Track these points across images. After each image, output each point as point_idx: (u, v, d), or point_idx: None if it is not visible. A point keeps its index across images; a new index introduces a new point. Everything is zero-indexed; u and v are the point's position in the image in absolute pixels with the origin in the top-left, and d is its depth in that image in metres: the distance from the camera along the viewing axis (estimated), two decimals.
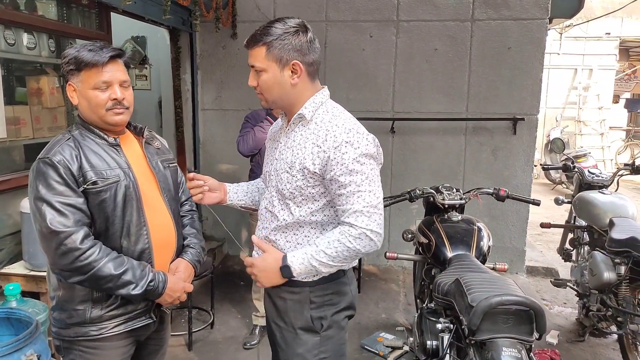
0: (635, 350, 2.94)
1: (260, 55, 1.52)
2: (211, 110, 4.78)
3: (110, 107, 1.56)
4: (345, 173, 1.49)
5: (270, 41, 1.50)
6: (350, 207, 1.51)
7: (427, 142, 4.50)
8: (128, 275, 1.51)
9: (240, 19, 4.53)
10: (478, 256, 2.44)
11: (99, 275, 1.48)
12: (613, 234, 2.97)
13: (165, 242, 1.68)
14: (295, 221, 1.60)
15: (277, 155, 1.66)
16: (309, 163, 1.53)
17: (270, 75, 1.53)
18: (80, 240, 1.46)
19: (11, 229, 2.78)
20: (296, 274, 1.55)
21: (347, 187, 1.50)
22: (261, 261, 1.61)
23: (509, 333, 1.71)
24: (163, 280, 1.60)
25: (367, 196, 1.51)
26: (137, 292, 1.52)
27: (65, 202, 1.48)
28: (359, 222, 1.50)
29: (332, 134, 1.52)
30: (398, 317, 3.72)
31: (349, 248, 1.51)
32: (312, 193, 1.57)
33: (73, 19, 3.34)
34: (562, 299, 4.08)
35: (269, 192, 1.68)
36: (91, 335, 1.57)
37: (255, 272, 1.61)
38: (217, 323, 3.54)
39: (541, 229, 3.85)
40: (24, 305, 2.28)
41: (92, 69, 1.53)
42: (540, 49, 4.26)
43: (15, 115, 2.91)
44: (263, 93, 1.58)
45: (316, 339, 1.63)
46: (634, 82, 12.82)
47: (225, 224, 4.73)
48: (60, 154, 1.51)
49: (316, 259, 1.52)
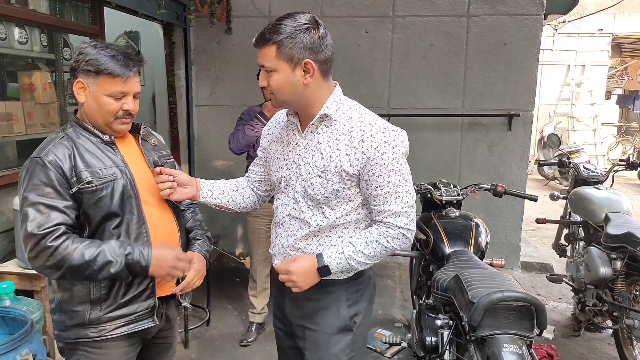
0: (630, 345, 2.97)
1: (271, 55, 1.46)
2: (206, 106, 4.74)
3: (120, 117, 1.55)
4: (384, 174, 1.48)
5: (281, 40, 1.43)
6: (388, 208, 1.50)
7: (423, 138, 4.49)
8: (105, 256, 1.44)
9: (235, 14, 4.49)
10: (476, 252, 2.45)
11: (74, 265, 1.42)
12: (609, 230, 2.98)
13: (167, 238, 1.65)
14: (330, 224, 1.56)
15: (296, 159, 1.58)
16: (347, 165, 1.49)
17: (281, 75, 1.47)
18: (53, 239, 1.42)
19: (4, 227, 2.74)
20: (334, 273, 1.53)
21: (384, 187, 1.49)
22: (297, 266, 1.54)
23: (509, 329, 1.72)
24: (144, 252, 1.49)
25: (404, 196, 1.51)
26: (118, 269, 1.44)
27: (48, 204, 1.44)
28: (398, 222, 1.51)
29: (368, 134, 1.49)
30: (394, 313, 3.72)
31: (387, 248, 1.52)
32: (348, 195, 1.54)
33: (65, 13, 3.29)
34: (557, 294, 4.10)
35: (288, 198, 1.61)
36: (90, 337, 1.54)
37: (294, 278, 1.52)
38: (214, 320, 3.52)
39: (535, 224, 3.86)
40: (18, 303, 2.25)
41: (115, 78, 1.50)
42: (536, 44, 4.26)
43: (7, 111, 2.87)
44: (274, 93, 1.51)
45: (349, 338, 1.61)
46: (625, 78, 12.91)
47: (220, 220, 4.73)
48: (52, 154, 1.48)
49: (354, 259, 1.52)
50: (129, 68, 1.51)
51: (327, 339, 1.60)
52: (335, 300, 1.60)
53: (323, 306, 1.60)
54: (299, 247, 1.60)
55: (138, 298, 1.57)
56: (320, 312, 1.60)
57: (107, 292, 1.54)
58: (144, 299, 1.58)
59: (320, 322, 1.61)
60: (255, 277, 3.29)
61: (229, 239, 4.87)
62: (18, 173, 1.54)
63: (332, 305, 1.60)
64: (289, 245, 1.61)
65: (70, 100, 3.36)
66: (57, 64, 3.26)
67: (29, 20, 2.95)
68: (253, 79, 4.03)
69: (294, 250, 1.61)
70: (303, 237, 1.58)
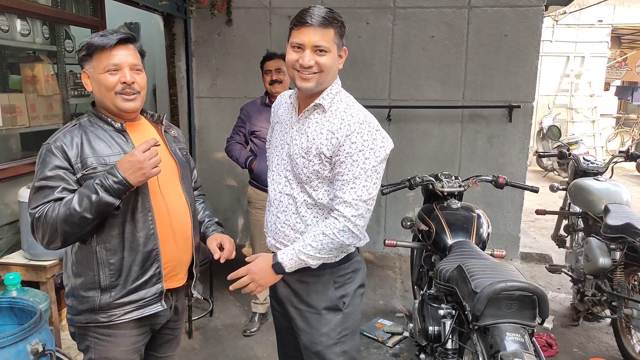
0: (628, 334, 3.01)
1: (329, 37, 1.57)
2: (206, 98, 4.74)
3: (120, 91, 1.56)
4: (347, 162, 1.56)
5: (337, 25, 1.59)
6: (342, 195, 1.57)
7: (423, 130, 4.50)
8: (82, 193, 1.44)
9: (236, 5, 4.47)
10: (478, 243, 2.47)
11: (62, 218, 1.44)
12: (608, 220, 3.01)
13: (177, 228, 1.67)
14: (315, 203, 1.65)
15: (288, 140, 1.70)
16: (325, 149, 1.60)
17: (332, 56, 1.59)
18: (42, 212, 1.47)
19: (9, 219, 2.76)
20: (287, 269, 1.61)
21: (344, 175, 1.57)
22: (254, 265, 1.65)
23: (512, 318, 1.75)
24: (111, 170, 1.46)
25: (359, 189, 1.57)
26: (99, 197, 1.43)
27: (50, 186, 1.49)
28: (346, 212, 1.57)
29: (346, 123, 1.59)
30: (395, 304, 3.75)
31: (333, 240, 1.58)
32: (328, 177, 1.63)
33: (67, 4, 3.28)
34: (556, 285, 4.14)
35: (280, 176, 1.72)
36: (101, 322, 1.58)
37: (253, 276, 1.63)
38: (217, 311, 3.55)
39: (534, 215, 3.89)
40: (25, 294, 2.27)
41: (103, 52, 1.54)
42: (537, 36, 4.26)
43: (10, 103, 2.87)
44: (321, 72, 1.59)
45: (339, 317, 1.72)
46: (625, 69, 12.89)
47: (221, 211, 4.75)
48: (60, 141, 1.53)
49: (303, 252, 1.59)
50: (112, 37, 1.54)
51: (318, 319, 1.71)
52: (323, 283, 1.70)
53: (313, 288, 1.71)
54: (289, 224, 1.69)
55: (147, 284, 1.60)
56: (311, 293, 1.71)
57: (116, 279, 1.57)
58: (152, 284, 1.62)
59: (309, 302, 1.72)
60: None
61: (231, 230, 4.89)
62: (22, 165, 1.57)
63: (320, 287, 1.70)
64: (281, 222, 1.71)
65: (72, 93, 3.37)
66: (59, 55, 3.26)
67: (31, 12, 2.95)
68: (254, 70, 4.05)
69: (284, 226, 1.70)
70: (293, 214, 1.68)
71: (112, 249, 1.56)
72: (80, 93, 3.43)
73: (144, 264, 1.59)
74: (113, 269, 1.56)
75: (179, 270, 1.71)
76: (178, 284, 1.72)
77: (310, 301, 1.71)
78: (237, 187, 4.75)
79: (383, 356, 3.03)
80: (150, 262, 1.60)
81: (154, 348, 1.82)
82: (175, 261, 1.68)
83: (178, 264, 1.70)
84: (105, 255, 1.56)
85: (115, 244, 1.56)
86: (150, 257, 1.60)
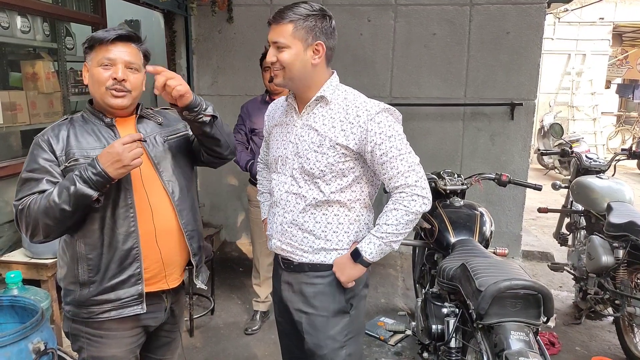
0: (631, 332, 3.00)
1: (286, 32, 1.55)
2: (207, 96, 4.72)
3: (110, 87, 1.53)
4: (385, 140, 1.57)
5: (298, 19, 1.55)
6: (397, 170, 1.58)
7: (425, 128, 4.49)
8: (62, 185, 1.43)
9: (237, 2, 4.45)
10: (481, 241, 2.46)
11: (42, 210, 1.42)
12: (611, 219, 3.00)
13: (161, 225, 1.59)
14: (326, 199, 1.64)
15: (292, 138, 1.68)
16: (342, 139, 1.59)
17: (293, 52, 1.56)
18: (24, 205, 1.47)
19: (10, 217, 2.74)
20: (370, 256, 1.61)
21: (388, 153, 1.57)
22: (336, 264, 1.66)
23: (516, 317, 1.74)
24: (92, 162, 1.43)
25: (408, 157, 1.59)
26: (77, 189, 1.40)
27: (34, 178, 1.49)
28: (410, 181, 1.58)
29: (363, 109, 1.60)
30: (397, 302, 3.75)
31: (407, 211, 1.58)
32: (342, 169, 1.62)
33: (68, 1, 3.27)
34: (557, 283, 4.13)
35: (285, 176, 1.70)
36: (82, 317, 1.58)
37: (338, 276, 1.65)
38: (218, 309, 3.54)
39: (535, 213, 3.88)
40: (26, 293, 2.26)
41: (101, 46, 1.53)
42: (539, 33, 4.24)
43: (10, 100, 2.86)
44: (284, 69, 1.58)
45: (346, 319, 1.70)
46: (626, 67, 12.87)
47: (222, 209, 4.74)
48: (47, 134, 1.55)
49: (380, 233, 1.59)
50: (111, 33, 1.54)
51: (325, 322, 1.68)
52: (331, 285, 1.67)
53: (320, 290, 1.68)
54: (297, 223, 1.67)
55: (125, 284, 1.55)
56: (318, 296, 1.68)
57: (94, 274, 1.54)
58: (131, 284, 1.56)
59: (317, 305, 1.68)
60: (258, 266, 3.30)
61: (231, 228, 4.88)
62: (22, 163, 1.56)
63: (328, 290, 1.68)
64: (287, 222, 1.68)
65: (73, 90, 3.35)
66: (59, 53, 3.25)
67: (31, 8, 2.93)
68: (254, 68, 4.03)
69: (291, 226, 1.67)
70: (300, 212, 1.66)
71: (91, 244, 1.53)
72: (80, 90, 3.42)
73: (122, 262, 1.54)
74: (91, 265, 1.54)
75: (172, 271, 1.64)
76: (172, 285, 1.66)
77: (317, 304, 1.69)
78: (237, 186, 4.74)
79: (385, 354, 3.02)
80: (130, 261, 1.54)
81: (150, 350, 1.79)
82: (164, 262, 1.61)
83: (169, 265, 1.63)
84: (84, 249, 1.53)
85: (95, 239, 1.53)
86: (129, 255, 1.54)
